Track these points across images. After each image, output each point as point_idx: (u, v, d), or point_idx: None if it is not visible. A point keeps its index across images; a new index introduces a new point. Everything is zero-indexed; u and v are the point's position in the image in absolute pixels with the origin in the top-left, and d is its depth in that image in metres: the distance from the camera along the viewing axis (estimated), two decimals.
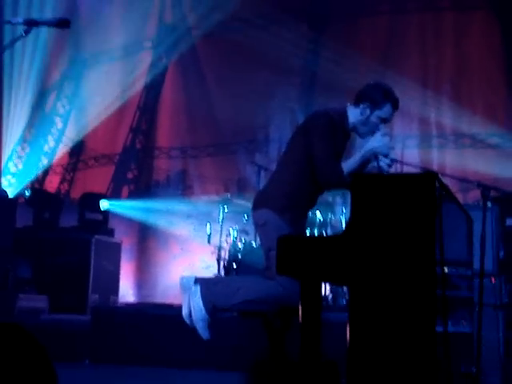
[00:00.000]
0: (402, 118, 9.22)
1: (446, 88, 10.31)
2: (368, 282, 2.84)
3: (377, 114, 3.84)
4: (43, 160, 12.08)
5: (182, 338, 5.56)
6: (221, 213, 7.81)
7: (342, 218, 7.12)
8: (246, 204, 7.14)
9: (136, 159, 12.53)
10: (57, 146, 12.27)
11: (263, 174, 7.58)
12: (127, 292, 10.48)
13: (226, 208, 7.81)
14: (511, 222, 6.35)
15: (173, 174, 12.28)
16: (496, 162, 9.19)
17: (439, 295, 2.84)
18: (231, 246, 7.26)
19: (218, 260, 7.64)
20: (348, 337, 2.85)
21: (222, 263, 7.56)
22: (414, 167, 3.88)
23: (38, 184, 11.88)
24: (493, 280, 4.97)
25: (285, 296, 3.61)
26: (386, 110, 3.84)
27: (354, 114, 3.90)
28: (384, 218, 2.86)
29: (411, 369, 2.75)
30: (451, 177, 4.36)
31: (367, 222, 2.89)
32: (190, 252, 10.27)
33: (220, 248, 7.68)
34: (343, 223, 7.00)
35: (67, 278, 7.84)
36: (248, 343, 5.37)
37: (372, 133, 3.82)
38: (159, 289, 10.48)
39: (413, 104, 9.74)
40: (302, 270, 3.12)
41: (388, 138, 3.75)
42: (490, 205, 4.88)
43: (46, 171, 12.28)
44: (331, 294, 6.80)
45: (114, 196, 11.48)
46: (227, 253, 7.38)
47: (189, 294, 3.75)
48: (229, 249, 7.33)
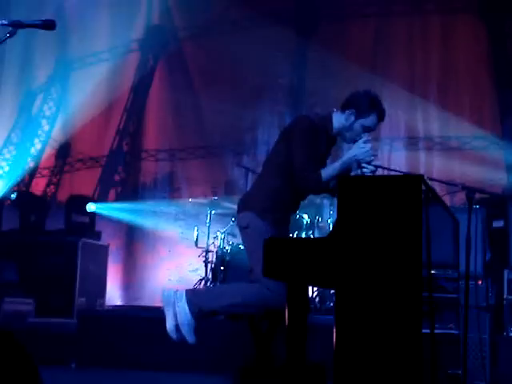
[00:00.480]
0: (390, 120, 9.24)
1: (432, 90, 10.35)
2: (354, 284, 2.84)
3: (361, 122, 3.83)
4: (30, 162, 12.01)
5: (169, 341, 5.54)
6: (208, 215, 7.81)
7: (330, 221, 7.13)
8: (234, 206, 7.13)
9: (123, 162, 12.46)
10: (43, 149, 12.20)
11: (251, 176, 7.58)
12: (114, 295, 10.43)
13: (213, 211, 7.81)
14: (498, 224, 6.38)
15: (160, 176, 12.22)
16: (482, 165, 9.22)
17: (425, 297, 2.85)
18: (219, 248, 7.27)
19: (206, 262, 7.64)
20: (335, 339, 2.85)
21: (209, 266, 7.56)
22: (399, 172, 3.86)
23: (24, 186, 11.81)
24: (479, 282, 5.00)
25: (271, 298, 3.61)
26: (370, 119, 3.84)
27: (339, 120, 3.89)
28: (370, 220, 2.87)
29: (397, 371, 2.75)
30: (437, 180, 4.36)
31: (353, 224, 2.89)
32: (177, 255, 10.25)
33: (207, 250, 7.69)
34: (331, 225, 7.01)
35: (54, 281, 7.79)
36: (235, 346, 5.36)
37: (354, 140, 3.82)
38: (146, 291, 10.44)
39: (400, 106, 9.77)
40: (289, 273, 3.11)
41: (370, 146, 3.73)
42: (477, 207, 4.91)
43: (33, 174, 12.19)
44: (318, 297, 6.80)
45: (100, 198, 11.42)
46: (215, 255, 7.39)
47: (173, 305, 3.74)
48: (216, 251, 7.34)
